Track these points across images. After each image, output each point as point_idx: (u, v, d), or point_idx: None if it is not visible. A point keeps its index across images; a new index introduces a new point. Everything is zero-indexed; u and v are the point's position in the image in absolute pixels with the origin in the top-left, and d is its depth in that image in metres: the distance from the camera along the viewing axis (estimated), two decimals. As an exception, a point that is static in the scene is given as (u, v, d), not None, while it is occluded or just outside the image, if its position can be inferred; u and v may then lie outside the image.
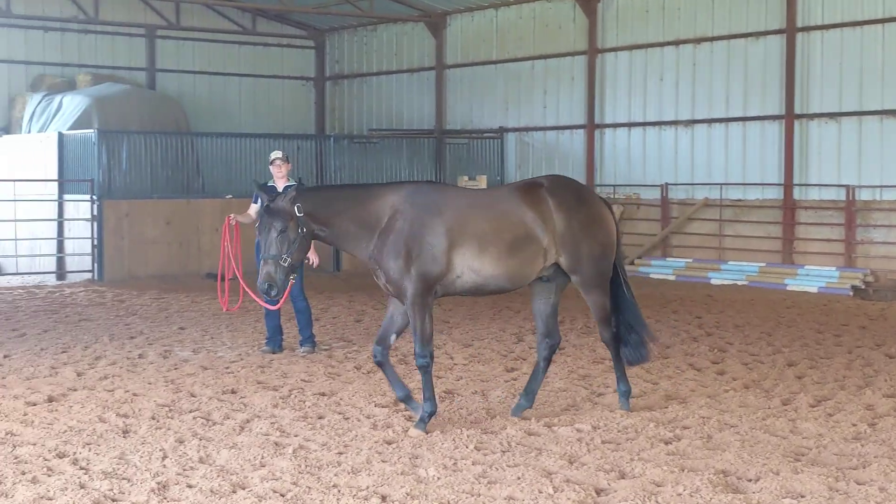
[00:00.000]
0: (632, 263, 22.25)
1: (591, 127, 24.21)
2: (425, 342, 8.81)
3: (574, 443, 8.42)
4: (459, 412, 9.54)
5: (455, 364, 12.00)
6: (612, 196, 23.68)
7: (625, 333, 9.43)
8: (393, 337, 9.17)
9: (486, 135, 25.86)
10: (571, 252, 9.00)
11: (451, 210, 8.87)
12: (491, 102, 26.37)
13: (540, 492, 7.13)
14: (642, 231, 23.28)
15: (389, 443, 8.43)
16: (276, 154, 12.63)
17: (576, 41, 24.50)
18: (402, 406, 9.61)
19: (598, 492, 7.20)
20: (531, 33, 25.51)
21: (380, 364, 9.16)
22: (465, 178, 23.32)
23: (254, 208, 12.32)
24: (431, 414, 8.86)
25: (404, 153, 24.77)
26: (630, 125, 23.73)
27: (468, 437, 8.57)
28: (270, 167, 12.60)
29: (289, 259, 8.75)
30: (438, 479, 7.44)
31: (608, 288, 9.28)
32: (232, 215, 12.23)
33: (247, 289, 11.17)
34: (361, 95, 30.07)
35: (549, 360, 9.49)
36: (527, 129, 25.70)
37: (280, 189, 12.31)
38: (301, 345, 12.86)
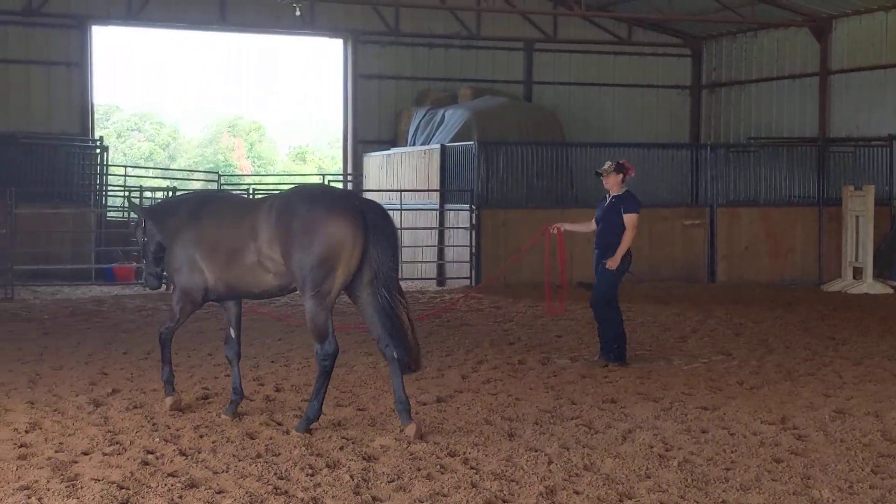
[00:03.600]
0: None
1: None
2: (164, 338, 9.66)
3: (984, 473, 7.76)
4: (852, 433, 9.02)
5: (845, 383, 11.38)
6: None
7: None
8: (232, 332, 9.63)
9: (873, 143, 24.48)
10: (286, 261, 8.73)
11: (206, 221, 9.30)
12: (880, 109, 24.95)
13: (949, 523, 6.62)
14: None
15: (778, 461, 8.09)
16: (605, 165, 12.71)
17: (977, 42, 22.84)
18: (791, 425, 9.29)
19: None
20: (926, 35, 24.01)
21: (229, 361, 9.70)
22: (851, 187, 22.17)
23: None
24: (167, 383, 9.73)
25: (784, 162, 23.88)
26: None
27: (864, 459, 8.10)
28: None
29: (143, 257, 10.16)
30: (833, 501, 7.07)
31: (326, 301, 8.63)
32: (561, 224, 13.09)
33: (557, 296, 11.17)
34: (739, 103, 29.34)
35: (398, 362, 8.79)
36: (919, 137, 24.15)
37: (608, 199, 12.53)
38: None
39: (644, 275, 22.32)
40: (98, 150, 25.51)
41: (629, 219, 12.30)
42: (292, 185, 9.87)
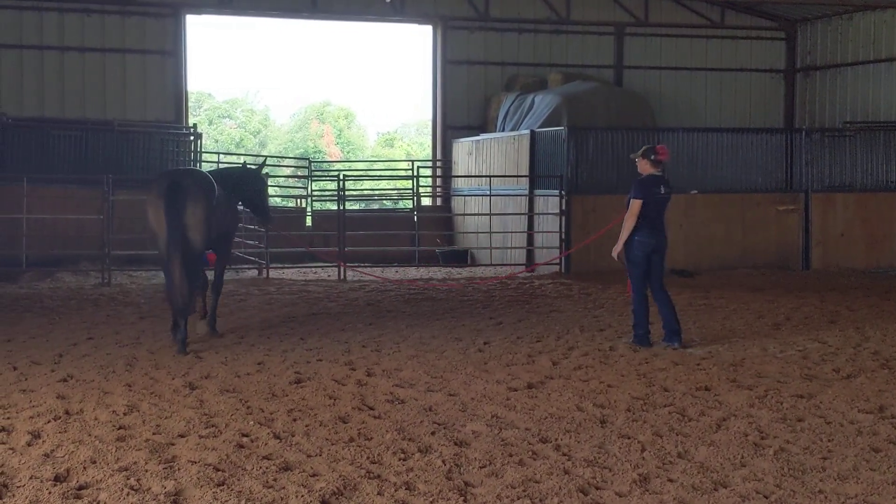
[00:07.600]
0: None
1: None
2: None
3: None
4: (954, 424, 8.82)
5: (945, 372, 11.13)
6: None
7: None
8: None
9: (974, 127, 23.85)
10: None
11: None
12: (981, 91, 24.32)
13: None
14: None
15: (876, 450, 7.95)
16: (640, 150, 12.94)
17: None
18: (889, 413, 9.11)
19: None
20: None
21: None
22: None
23: None
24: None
25: (881, 147, 23.37)
26: None
27: (966, 451, 7.91)
28: None
29: None
30: (934, 493, 6.92)
31: (162, 254, 12.36)
32: None
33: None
34: (835, 87, 28.78)
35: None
36: None
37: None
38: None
39: (737, 261, 22.04)
40: (192, 138, 25.88)
41: (630, 204, 12.46)
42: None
